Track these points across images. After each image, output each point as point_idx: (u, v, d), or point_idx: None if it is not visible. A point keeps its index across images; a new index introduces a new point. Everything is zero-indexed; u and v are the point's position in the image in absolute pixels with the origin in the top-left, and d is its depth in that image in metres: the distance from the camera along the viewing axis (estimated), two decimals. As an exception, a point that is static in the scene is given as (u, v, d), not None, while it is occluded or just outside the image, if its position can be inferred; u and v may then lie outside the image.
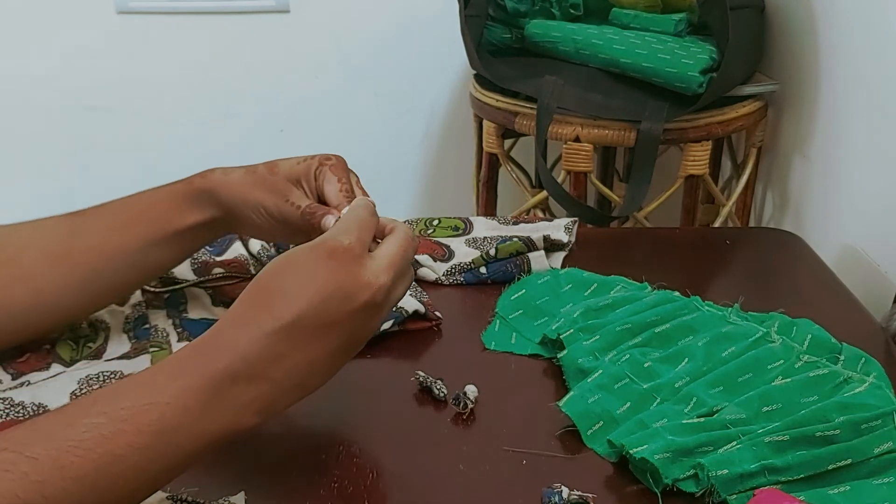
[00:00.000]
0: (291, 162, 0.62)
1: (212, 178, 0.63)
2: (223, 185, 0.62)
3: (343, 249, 0.49)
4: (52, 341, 0.67)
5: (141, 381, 0.45)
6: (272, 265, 0.50)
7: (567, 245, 0.83)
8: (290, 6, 1.53)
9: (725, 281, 0.82)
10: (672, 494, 0.51)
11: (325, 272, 0.48)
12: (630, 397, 0.59)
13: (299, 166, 0.62)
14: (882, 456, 0.52)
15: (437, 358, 0.67)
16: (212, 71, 1.59)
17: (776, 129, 1.23)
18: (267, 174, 0.62)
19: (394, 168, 1.67)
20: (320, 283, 0.48)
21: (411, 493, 0.53)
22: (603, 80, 1.11)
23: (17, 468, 0.38)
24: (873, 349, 0.63)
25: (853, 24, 0.99)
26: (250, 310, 0.48)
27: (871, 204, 0.94)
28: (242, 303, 0.48)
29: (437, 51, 1.54)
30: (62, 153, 1.64)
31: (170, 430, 0.43)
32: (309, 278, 0.48)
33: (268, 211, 0.60)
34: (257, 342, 0.46)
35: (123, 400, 0.42)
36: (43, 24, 1.54)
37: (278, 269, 0.49)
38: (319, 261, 0.49)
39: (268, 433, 0.58)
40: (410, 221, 0.89)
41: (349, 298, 0.48)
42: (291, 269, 0.49)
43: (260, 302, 0.48)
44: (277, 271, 0.49)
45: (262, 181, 0.61)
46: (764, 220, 1.30)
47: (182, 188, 0.63)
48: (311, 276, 0.48)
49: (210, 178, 0.63)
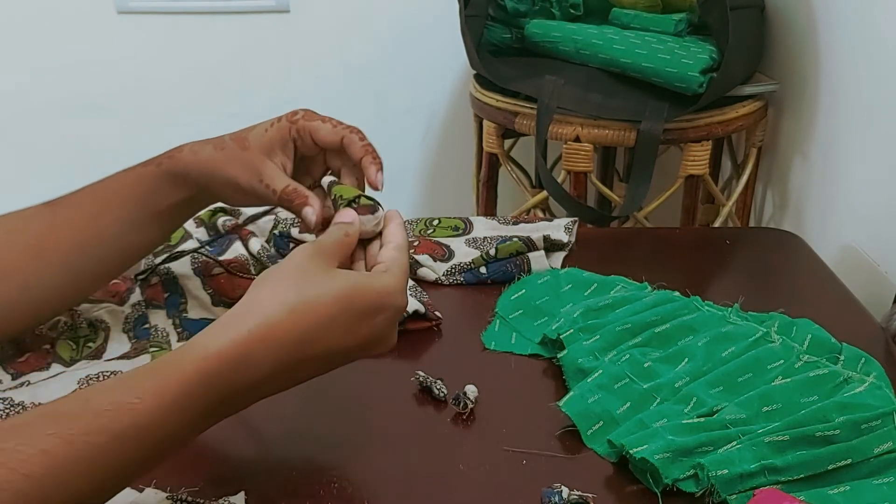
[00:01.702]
0: (259, 130, 0.61)
1: (181, 158, 0.62)
2: (193, 164, 0.61)
3: (398, 309, 0.51)
4: (52, 341, 0.67)
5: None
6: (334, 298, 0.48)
7: (567, 245, 0.83)
8: (290, 6, 1.53)
9: (725, 281, 0.82)
10: (672, 494, 0.51)
11: (374, 322, 0.49)
12: (630, 397, 0.59)
13: (268, 133, 0.61)
14: (882, 456, 0.52)
15: (437, 358, 0.67)
16: (212, 71, 1.59)
17: (776, 129, 1.23)
18: (238, 149, 0.60)
19: (394, 168, 1.65)
20: (365, 331, 0.49)
21: (411, 493, 0.53)
22: (603, 80, 1.11)
23: None
24: (873, 349, 0.63)
25: (853, 24, 0.99)
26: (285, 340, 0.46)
27: (871, 204, 0.94)
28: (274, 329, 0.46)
29: (437, 51, 1.54)
30: (62, 153, 1.64)
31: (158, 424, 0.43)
32: (360, 333, 0.49)
33: (242, 188, 0.60)
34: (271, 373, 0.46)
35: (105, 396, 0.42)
36: (43, 25, 1.54)
37: (337, 312, 0.48)
38: (375, 310, 0.49)
39: (268, 433, 0.58)
40: (410, 221, 0.89)
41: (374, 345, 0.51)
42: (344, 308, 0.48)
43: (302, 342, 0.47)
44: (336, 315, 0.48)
45: (234, 157, 0.60)
46: (764, 220, 1.30)
47: (153, 171, 0.62)
48: (361, 331, 0.49)
49: (179, 158, 0.62)
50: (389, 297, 0.50)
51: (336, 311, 0.47)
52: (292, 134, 0.61)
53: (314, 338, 0.47)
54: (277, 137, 0.61)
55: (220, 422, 0.47)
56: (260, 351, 0.45)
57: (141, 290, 0.74)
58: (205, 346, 0.45)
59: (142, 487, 0.51)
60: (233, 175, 0.60)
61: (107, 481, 0.41)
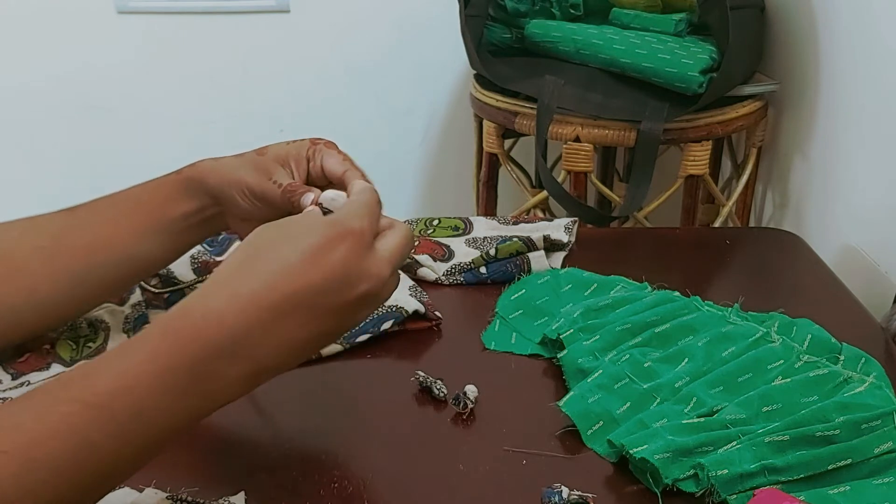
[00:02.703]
0: (281, 144, 0.63)
1: (201, 166, 0.63)
2: (211, 171, 0.62)
3: (356, 234, 0.47)
4: (52, 341, 0.67)
5: (116, 362, 0.42)
6: (269, 230, 0.47)
7: (567, 245, 0.83)
8: (290, 6, 1.53)
9: (725, 281, 0.82)
10: (672, 494, 0.51)
11: (334, 254, 0.46)
12: (630, 397, 0.59)
13: (289, 146, 0.62)
14: (882, 456, 0.52)
15: (437, 358, 0.67)
16: (212, 71, 1.59)
17: (776, 129, 1.23)
18: (255, 155, 0.62)
19: (394, 168, 1.67)
20: (326, 264, 0.45)
21: (411, 493, 0.53)
22: (603, 80, 1.11)
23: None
24: (873, 349, 0.63)
25: (853, 24, 0.99)
26: (241, 276, 0.45)
27: (871, 204, 0.94)
28: (231, 267, 0.46)
29: (438, 51, 1.54)
30: (62, 153, 1.64)
31: (147, 412, 0.41)
32: (314, 255, 0.45)
33: (251, 191, 0.60)
34: (245, 316, 0.44)
35: (98, 384, 0.41)
36: (43, 25, 1.54)
37: (278, 235, 0.47)
38: (330, 240, 0.46)
39: (268, 433, 0.58)
40: (410, 221, 0.89)
41: (351, 286, 0.46)
42: (293, 241, 0.46)
43: (253, 269, 0.45)
44: (277, 239, 0.47)
45: (249, 162, 0.61)
46: (764, 220, 1.30)
47: (172, 178, 0.63)
48: (316, 254, 0.45)
49: (199, 166, 0.63)
50: (339, 226, 0.47)
51: (289, 255, 0.45)
52: (308, 153, 0.62)
53: (279, 287, 0.44)
54: (295, 152, 0.62)
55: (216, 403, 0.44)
56: (224, 307, 0.44)
57: (141, 290, 0.74)
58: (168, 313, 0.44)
59: (142, 487, 0.51)
60: (244, 177, 0.60)
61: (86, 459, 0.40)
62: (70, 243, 0.62)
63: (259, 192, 0.60)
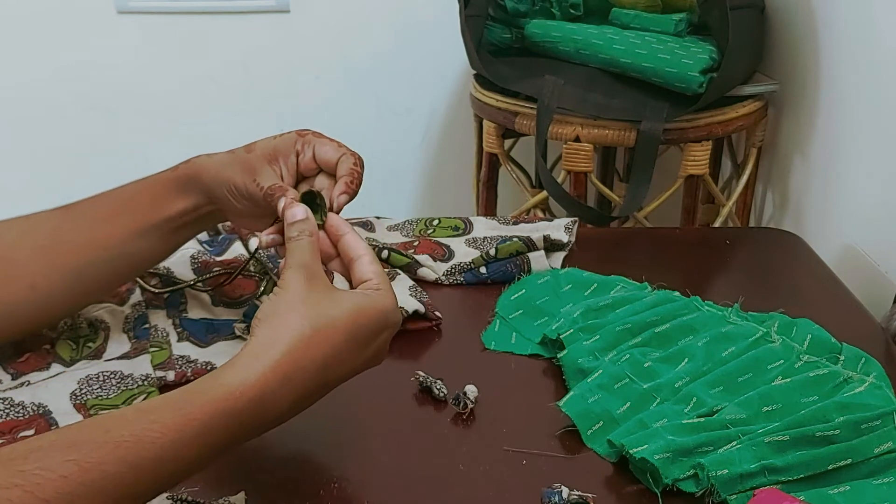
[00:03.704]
0: (269, 138, 0.63)
1: (196, 162, 0.63)
2: (205, 167, 0.62)
3: (395, 325, 0.53)
4: (52, 341, 0.67)
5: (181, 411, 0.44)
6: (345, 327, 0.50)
7: (567, 245, 0.83)
8: (290, 6, 1.53)
9: (725, 281, 0.82)
10: (672, 494, 0.51)
11: (376, 342, 0.52)
12: (630, 397, 0.59)
13: (276, 141, 0.62)
14: (882, 456, 0.52)
15: (437, 358, 0.68)
16: (212, 71, 1.59)
17: (776, 129, 1.23)
18: (244, 153, 0.62)
19: (394, 168, 1.67)
20: (368, 349, 0.51)
21: (411, 492, 0.53)
22: (603, 80, 1.11)
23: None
24: (873, 349, 0.63)
25: (853, 24, 0.99)
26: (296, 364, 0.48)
27: (871, 204, 0.94)
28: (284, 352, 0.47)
29: (438, 51, 1.54)
30: (62, 153, 1.64)
31: (192, 470, 0.44)
32: (361, 344, 0.51)
33: (238, 190, 0.60)
34: (289, 397, 0.47)
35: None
36: (43, 25, 1.54)
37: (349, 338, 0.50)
38: (377, 330, 0.52)
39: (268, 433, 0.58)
40: (410, 221, 0.89)
41: (374, 359, 0.53)
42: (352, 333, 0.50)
43: (310, 358, 0.48)
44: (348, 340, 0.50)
45: (238, 160, 0.61)
46: (764, 220, 1.30)
47: (168, 175, 0.64)
48: (364, 344, 0.51)
49: (194, 162, 0.63)
50: (391, 315, 0.52)
51: (348, 335, 0.50)
52: (297, 146, 0.62)
53: (331, 363, 0.49)
54: (282, 146, 0.62)
55: None
56: (281, 386, 0.47)
57: (141, 290, 0.74)
58: (228, 383, 0.45)
59: (142, 487, 0.51)
60: (232, 176, 0.60)
61: None
62: (67, 240, 0.62)
63: (245, 191, 0.60)
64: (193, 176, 0.62)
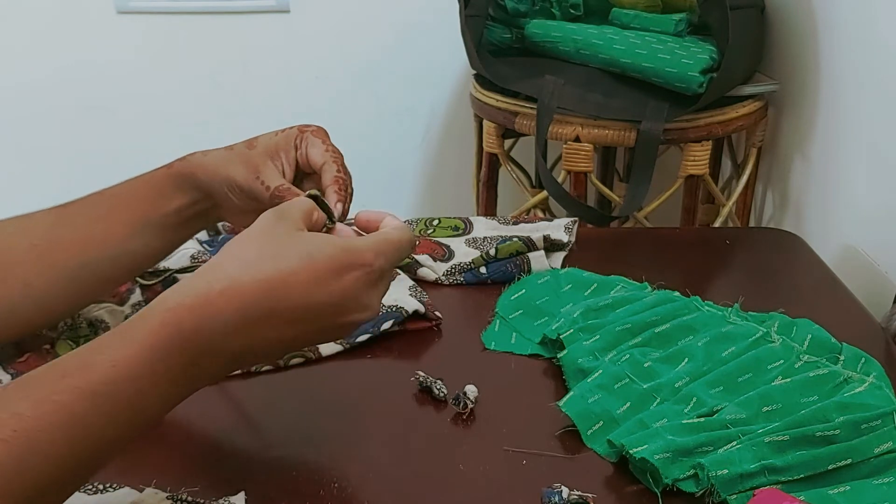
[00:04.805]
0: (270, 133, 0.62)
1: (191, 160, 0.62)
2: (201, 165, 0.61)
3: (368, 267, 0.48)
4: (52, 341, 0.67)
5: (114, 350, 0.43)
6: (287, 231, 0.48)
7: (567, 245, 0.83)
8: (290, 6, 1.53)
9: (725, 281, 0.82)
10: (672, 494, 0.51)
11: (340, 280, 0.47)
12: (630, 397, 0.59)
13: (278, 137, 0.61)
14: (882, 456, 0.52)
15: (437, 358, 0.67)
16: (212, 71, 1.59)
17: (776, 129, 1.24)
18: (244, 149, 0.61)
19: (394, 168, 1.67)
20: (329, 287, 0.47)
21: (411, 493, 0.53)
22: (603, 80, 1.11)
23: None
24: (873, 349, 0.63)
25: (853, 24, 0.99)
26: (246, 270, 0.46)
27: (870, 204, 0.94)
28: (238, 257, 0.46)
29: (437, 51, 1.54)
30: (62, 153, 1.64)
31: (143, 400, 0.43)
32: (321, 275, 0.46)
33: (239, 187, 0.60)
34: (242, 315, 0.45)
35: (95, 373, 0.42)
36: (43, 25, 1.54)
37: (293, 243, 0.47)
38: (342, 266, 0.47)
39: (268, 433, 0.58)
40: (410, 221, 0.89)
41: (344, 313, 0.48)
42: (307, 255, 0.47)
43: (259, 267, 0.46)
44: (291, 246, 0.47)
45: (238, 156, 0.61)
46: (764, 220, 1.30)
47: (163, 173, 0.63)
48: (324, 275, 0.47)
49: (189, 160, 0.62)
50: (357, 255, 0.48)
51: (297, 266, 0.46)
52: (297, 142, 0.61)
53: (278, 292, 0.46)
54: (284, 142, 0.61)
55: (196, 389, 0.46)
56: (222, 301, 0.45)
57: (141, 290, 0.74)
58: (168, 298, 0.45)
59: (142, 487, 0.51)
60: (233, 173, 0.60)
61: (82, 446, 0.41)
62: (63, 239, 0.62)
63: (247, 189, 0.59)
64: (188, 173, 0.62)
